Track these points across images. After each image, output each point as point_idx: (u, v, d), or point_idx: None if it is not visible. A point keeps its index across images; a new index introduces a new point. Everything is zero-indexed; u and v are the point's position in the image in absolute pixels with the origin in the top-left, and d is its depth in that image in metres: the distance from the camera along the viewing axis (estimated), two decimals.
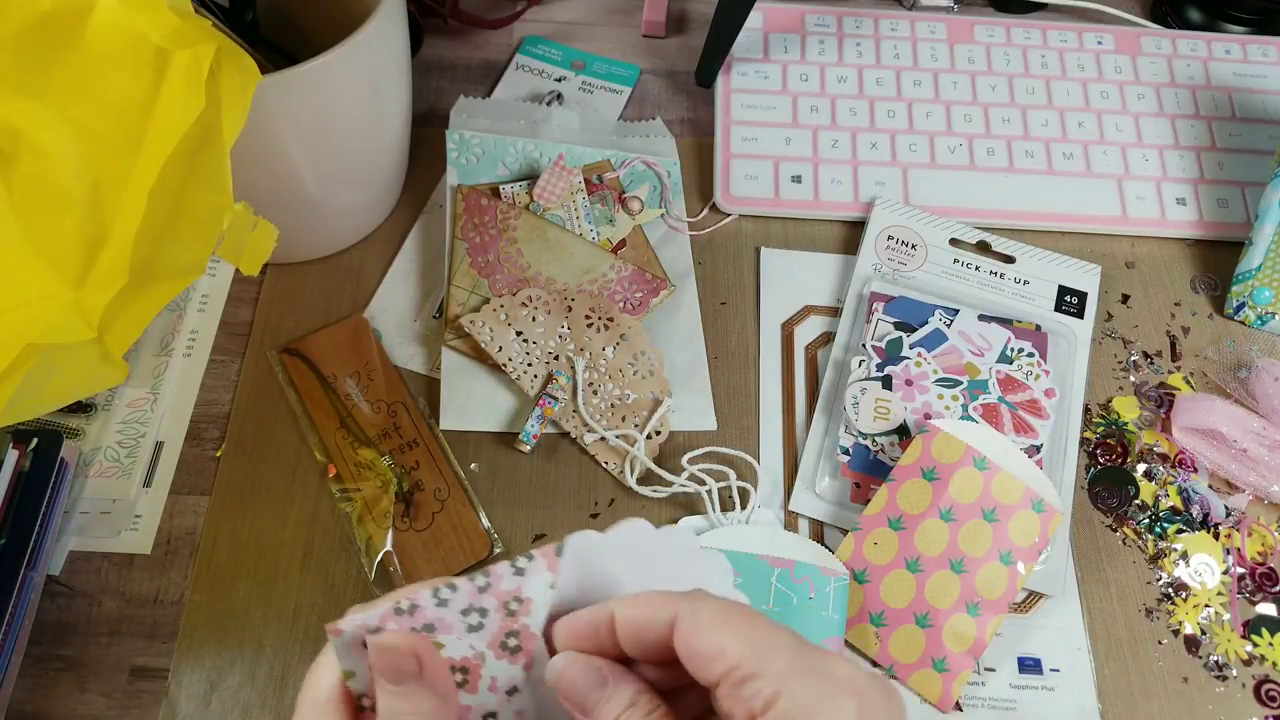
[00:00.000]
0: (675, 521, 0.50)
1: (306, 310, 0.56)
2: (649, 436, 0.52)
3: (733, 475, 0.50)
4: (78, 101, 0.39)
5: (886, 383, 0.53)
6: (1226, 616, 0.49)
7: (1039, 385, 0.53)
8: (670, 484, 0.50)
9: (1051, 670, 0.47)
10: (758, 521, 0.50)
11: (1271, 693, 0.47)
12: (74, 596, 0.47)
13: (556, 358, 0.53)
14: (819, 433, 0.53)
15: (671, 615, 0.28)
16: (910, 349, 0.54)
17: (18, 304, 0.41)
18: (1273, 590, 0.50)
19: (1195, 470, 0.53)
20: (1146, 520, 0.52)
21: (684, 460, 0.50)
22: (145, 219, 0.39)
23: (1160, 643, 0.48)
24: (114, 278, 0.40)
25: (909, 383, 0.53)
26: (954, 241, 0.59)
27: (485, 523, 0.50)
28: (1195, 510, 0.52)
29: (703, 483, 0.50)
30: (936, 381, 0.53)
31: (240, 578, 0.48)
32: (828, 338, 0.57)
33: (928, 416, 0.51)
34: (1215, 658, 0.48)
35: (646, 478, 0.51)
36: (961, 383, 0.53)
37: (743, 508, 0.50)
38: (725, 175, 0.62)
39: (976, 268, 0.58)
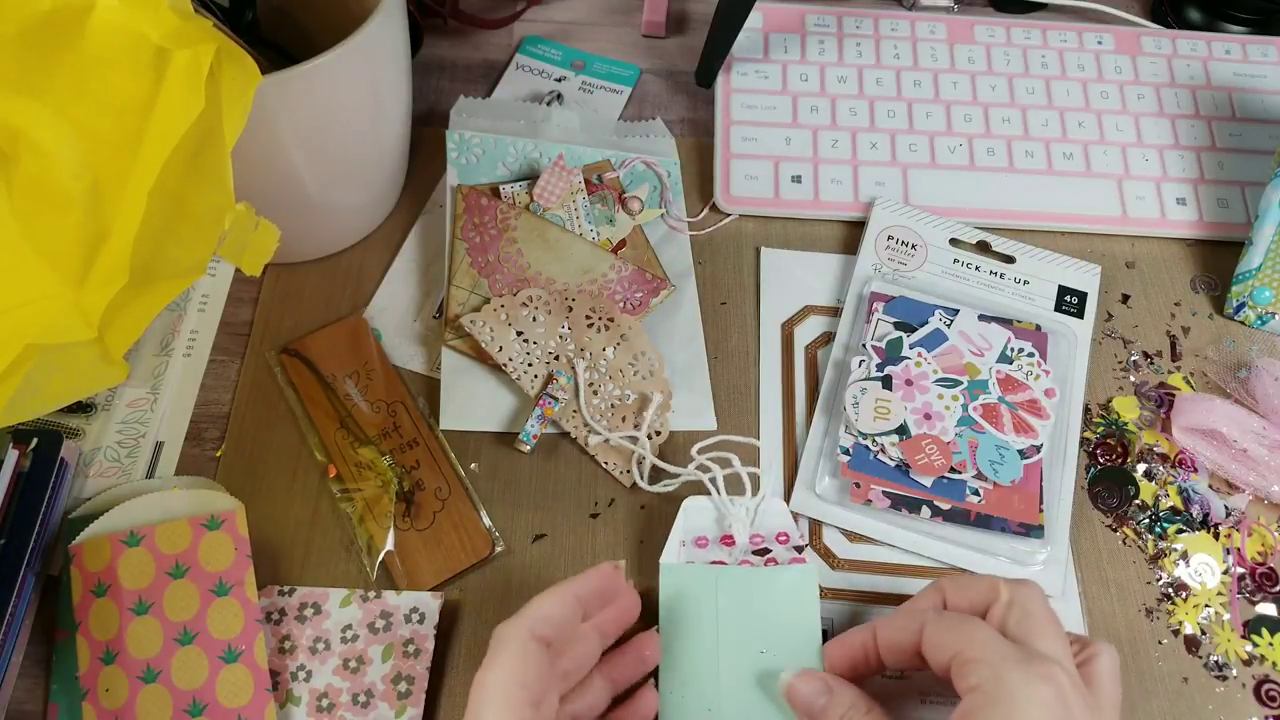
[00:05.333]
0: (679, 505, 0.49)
1: (306, 310, 0.56)
2: (649, 437, 0.52)
3: (737, 460, 0.49)
4: (78, 101, 0.39)
5: (886, 383, 0.53)
6: (1226, 616, 0.49)
7: (1039, 385, 0.53)
8: (678, 475, 0.50)
9: None
10: (768, 511, 0.49)
11: (1271, 693, 0.47)
12: None
13: (557, 358, 0.53)
14: (819, 433, 0.53)
15: (920, 625, 0.38)
16: (910, 349, 0.54)
17: (18, 304, 0.41)
18: (1273, 590, 0.50)
19: (1195, 470, 0.53)
20: (1146, 520, 0.52)
21: (694, 450, 0.50)
22: (145, 219, 0.39)
23: (1160, 643, 0.48)
24: (114, 278, 0.40)
25: (909, 383, 0.53)
26: (954, 241, 0.59)
27: (486, 522, 0.50)
28: (1195, 510, 0.52)
29: (708, 470, 0.49)
30: (936, 381, 0.53)
31: None
32: (828, 338, 0.57)
33: (928, 416, 0.51)
34: (1215, 658, 0.48)
35: (654, 475, 0.51)
36: (961, 383, 0.53)
37: (754, 493, 0.49)
38: (725, 175, 0.62)
39: (976, 268, 0.58)
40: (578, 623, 0.40)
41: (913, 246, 0.59)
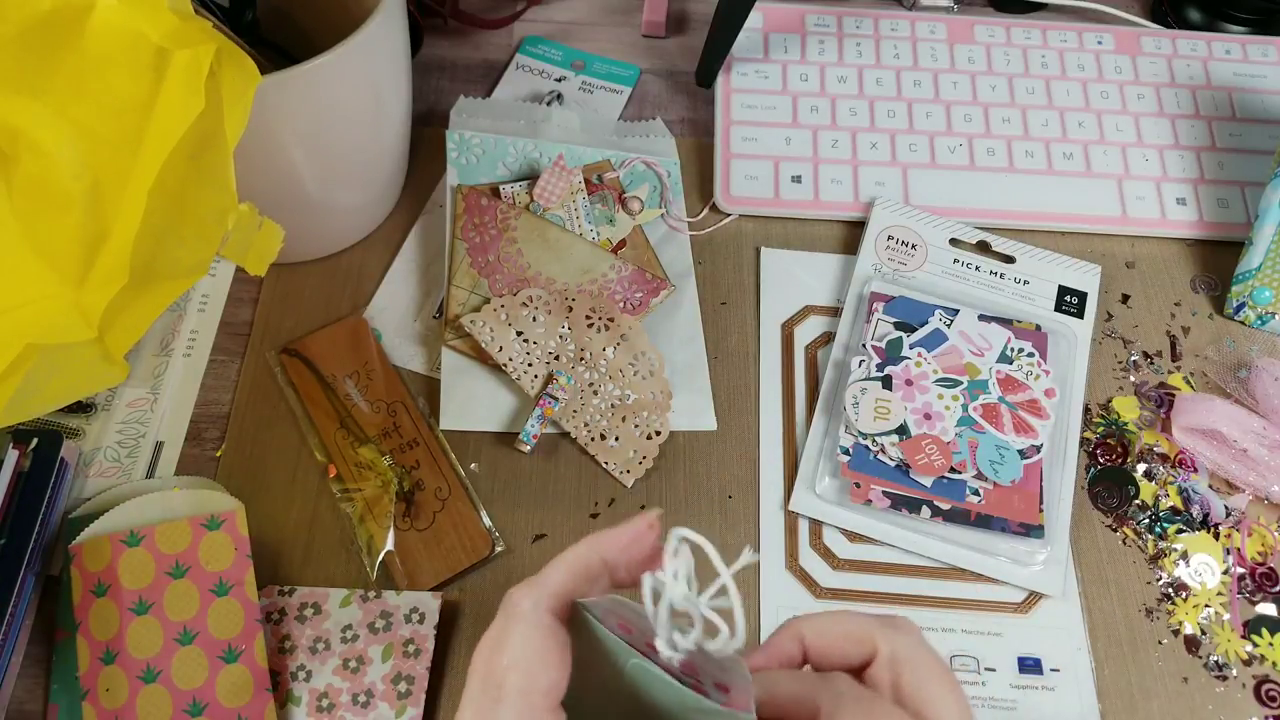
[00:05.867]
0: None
1: (306, 310, 0.56)
2: (649, 437, 0.52)
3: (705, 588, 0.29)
4: (78, 101, 0.39)
5: (886, 383, 0.53)
6: (1226, 616, 0.49)
7: (1039, 385, 0.53)
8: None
9: (1051, 670, 0.47)
10: (719, 654, 0.28)
11: (1271, 693, 0.47)
12: None
13: (557, 358, 0.53)
14: (819, 433, 0.53)
15: (810, 697, 0.30)
16: (910, 349, 0.54)
17: (18, 304, 0.41)
18: (1273, 590, 0.50)
19: (1195, 470, 0.53)
20: (1146, 520, 0.52)
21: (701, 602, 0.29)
22: (146, 219, 0.39)
23: (1160, 643, 0.48)
24: (114, 277, 0.40)
25: (909, 383, 0.53)
26: (954, 241, 0.59)
27: (486, 521, 0.50)
28: (1195, 510, 0.52)
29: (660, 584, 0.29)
30: (936, 381, 0.53)
31: None
32: (828, 338, 0.57)
33: (928, 416, 0.51)
34: (1215, 658, 0.48)
35: None
36: (961, 383, 0.53)
37: (700, 633, 0.28)
38: (725, 175, 0.62)
39: (976, 268, 0.58)
40: (600, 586, 0.33)
41: (913, 246, 0.59)
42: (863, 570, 0.50)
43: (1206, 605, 0.49)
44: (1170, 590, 0.50)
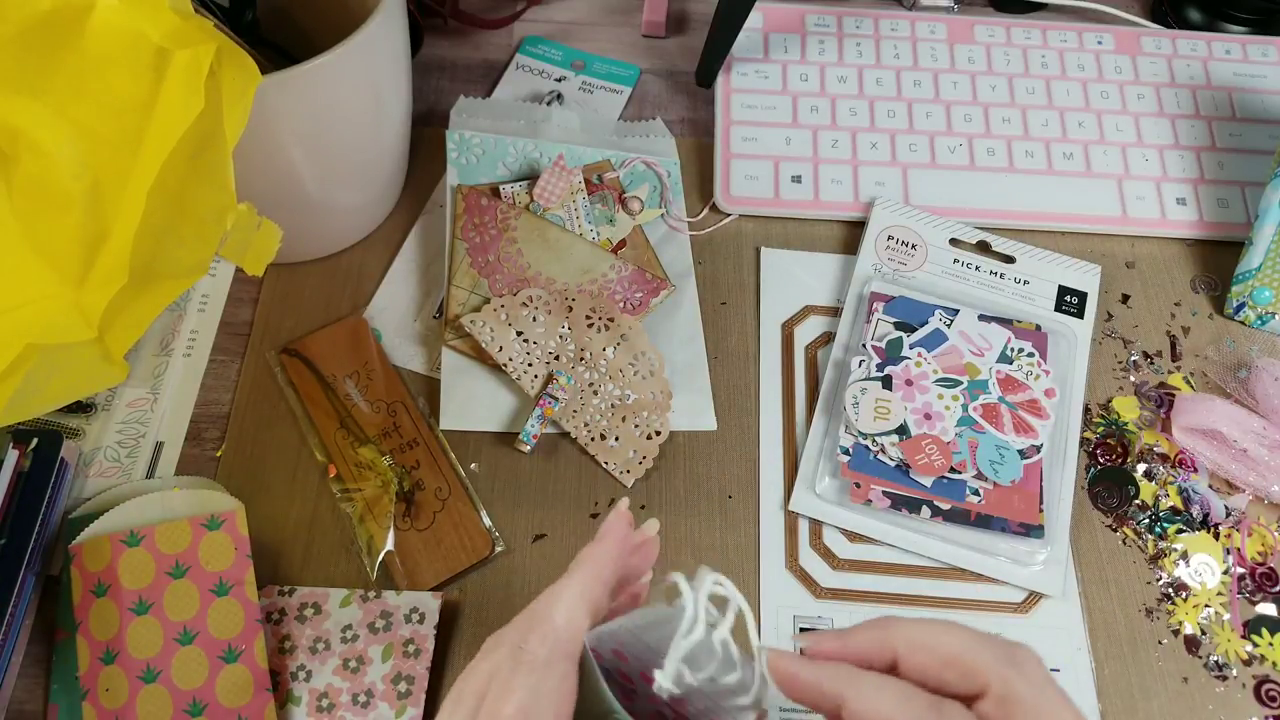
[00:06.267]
0: None
1: (306, 310, 0.56)
2: (649, 437, 0.52)
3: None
4: (78, 101, 0.39)
5: (886, 383, 0.53)
6: (1226, 616, 0.49)
7: (1039, 385, 0.53)
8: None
9: (1051, 670, 0.47)
10: (729, 679, 0.29)
11: (1271, 693, 0.47)
12: None
13: (557, 358, 0.53)
14: (819, 433, 0.53)
15: (979, 688, 0.28)
16: (910, 349, 0.54)
17: (18, 304, 0.41)
18: (1273, 590, 0.50)
19: (1195, 470, 0.53)
20: (1146, 520, 0.52)
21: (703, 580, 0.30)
22: (146, 219, 0.39)
23: (1160, 643, 0.48)
24: (114, 277, 0.40)
25: (909, 383, 0.53)
26: (954, 241, 0.59)
27: (487, 521, 0.50)
28: (1195, 510, 0.52)
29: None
30: (936, 381, 0.53)
31: None
32: (828, 338, 0.57)
33: (928, 416, 0.51)
34: (1215, 658, 0.48)
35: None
36: (961, 383, 0.53)
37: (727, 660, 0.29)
38: (725, 175, 0.62)
39: (976, 268, 0.58)
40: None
41: (913, 246, 0.59)
42: (863, 570, 0.50)
43: (1206, 605, 0.49)
44: (1170, 590, 0.50)
